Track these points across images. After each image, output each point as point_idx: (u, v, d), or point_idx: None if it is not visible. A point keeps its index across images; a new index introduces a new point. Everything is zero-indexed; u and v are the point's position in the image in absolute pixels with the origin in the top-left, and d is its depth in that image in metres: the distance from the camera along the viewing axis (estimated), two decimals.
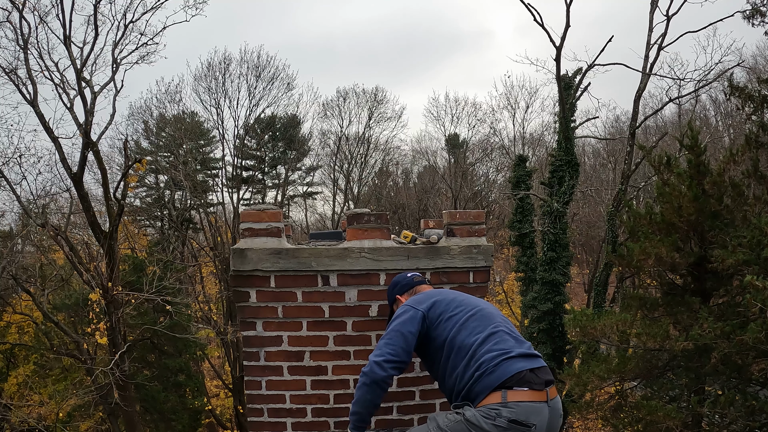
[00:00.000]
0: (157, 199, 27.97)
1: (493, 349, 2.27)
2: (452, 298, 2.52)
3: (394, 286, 2.69)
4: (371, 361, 2.35)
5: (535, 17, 16.09)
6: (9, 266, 14.12)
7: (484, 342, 2.30)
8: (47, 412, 14.09)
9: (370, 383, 2.33)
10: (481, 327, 2.36)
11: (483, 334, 2.33)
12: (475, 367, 2.25)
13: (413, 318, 2.41)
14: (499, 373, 2.20)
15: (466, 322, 2.39)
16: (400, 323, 2.42)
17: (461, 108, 35.37)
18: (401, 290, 2.67)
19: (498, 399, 2.17)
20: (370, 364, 2.34)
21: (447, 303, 2.47)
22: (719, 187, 9.09)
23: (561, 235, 15.64)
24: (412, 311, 2.44)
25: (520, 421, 2.14)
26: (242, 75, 23.18)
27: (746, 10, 12.68)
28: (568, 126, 16.15)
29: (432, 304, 2.46)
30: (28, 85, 12.17)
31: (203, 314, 18.90)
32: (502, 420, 2.13)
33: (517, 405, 2.15)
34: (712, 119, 29.34)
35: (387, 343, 2.38)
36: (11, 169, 17.44)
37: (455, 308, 2.44)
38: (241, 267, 2.68)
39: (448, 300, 2.50)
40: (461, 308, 2.44)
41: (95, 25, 12.82)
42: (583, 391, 10.00)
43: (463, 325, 2.38)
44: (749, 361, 8.40)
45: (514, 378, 2.19)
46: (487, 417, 2.16)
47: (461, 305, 2.46)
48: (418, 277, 2.72)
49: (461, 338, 2.34)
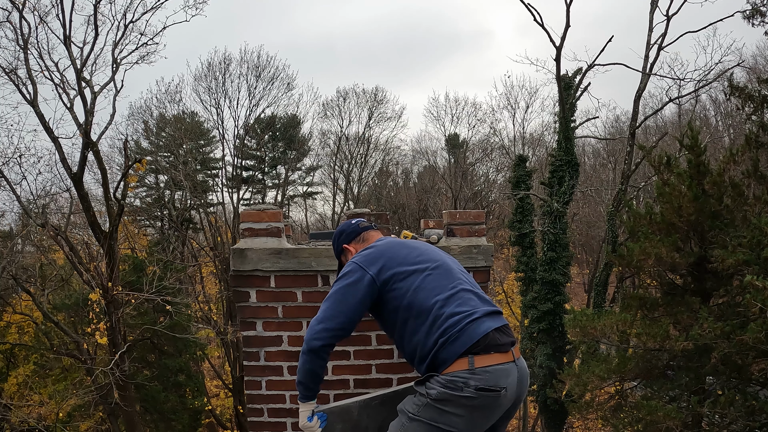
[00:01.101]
0: (157, 199, 27.96)
1: (456, 311, 2.11)
2: (406, 253, 2.28)
3: (339, 235, 2.50)
4: (310, 328, 2.20)
5: (535, 17, 16.12)
6: (9, 266, 14.11)
7: (446, 303, 2.13)
8: (47, 412, 14.08)
9: (308, 352, 2.17)
10: (441, 286, 2.17)
11: (443, 295, 2.15)
12: (439, 333, 2.09)
13: (360, 281, 2.20)
14: (465, 338, 2.06)
15: (423, 281, 2.18)
16: (345, 286, 2.21)
17: (461, 108, 35.42)
18: (347, 239, 2.48)
19: (465, 366, 2.04)
20: (309, 332, 2.18)
21: (400, 260, 2.24)
22: (719, 187, 9.09)
23: (561, 235, 15.65)
24: (359, 272, 2.22)
25: (489, 388, 2.04)
26: (242, 75, 23.22)
27: (746, 10, 12.70)
28: (568, 126, 16.15)
29: (383, 264, 2.23)
30: (28, 85, 12.17)
31: (203, 314, 18.89)
32: (470, 390, 2.02)
33: (485, 371, 2.04)
34: (712, 119, 29.33)
35: (328, 308, 2.20)
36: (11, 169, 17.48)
37: (411, 265, 2.23)
38: (241, 267, 2.68)
39: (402, 256, 2.26)
40: (417, 266, 2.23)
41: (95, 25, 12.83)
42: (583, 391, 10.01)
43: (421, 285, 2.17)
44: (749, 361, 8.40)
45: (481, 342, 2.06)
46: (455, 389, 2.03)
47: (416, 261, 2.25)
48: (364, 222, 2.53)
49: (420, 300, 2.15)
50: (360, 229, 2.50)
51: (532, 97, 42.45)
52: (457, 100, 41.96)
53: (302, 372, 2.21)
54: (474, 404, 2.04)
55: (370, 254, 2.28)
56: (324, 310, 2.20)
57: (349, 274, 2.24)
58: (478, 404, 2.05)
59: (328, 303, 2.22)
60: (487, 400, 2.05)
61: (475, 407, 2.05)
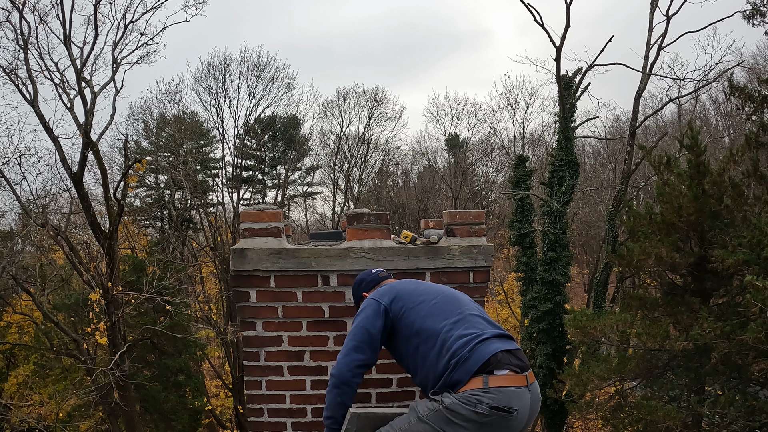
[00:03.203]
0: (157, 199, 27.97)
1: (463, 334, 2.17)
2: (414, 287, 2.45)
3: (360, 284, 2.62)
4: (339, 363, 2.29)
5: (535, 17, 16.11)
6: (9, 266, 14.11)
7: (454, 327, 2.21)
8: (47, 412, 14.08)
9: (339, 385, 2.27)
10: (448, 311, 2.28)
11: (451, 319, 2.24)
12: (449, 356, 2.15)
13: (376, 312, 2.34)
14: (476, 358, 2.11)
15: (432, 308, 2.31)
16: (364, 318, 2.34)
17: (461, 108, 35.41)
18: (367, 287, 2.59)
19: (479, 384, 2.08)
20: (338, 366, 2.28)
21: (409, 293, 2.40)
22: (719, 187, 9.09)
23: (561, 235, 15.64)
24: (374, 304, 2.37)
25: (501, 408, 2.06)
26: (242, 75, 23.23)
27: (746, 10, 12.71)
28: (568, 126, 16.15)
29: (394, 296, 2.39)
30: (28, 85, 12.18)
31: (203, 314, 18.89)
32: (483, 407, 2.05)
33: (499, 391, 2.07)
34: (712, 119, 29.36)
35: (352, 340, 2.32)
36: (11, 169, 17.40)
37: (418, 296, 2.37)
38: (241, 267, 2.68)
39: (410, 290, 2.43)
40: (424, 296, 2.37)
41: (95, 25, 12.84)
42: (583, 391, 10.01)
43: (429, 312, 2.30)
44: (749, 361, 8.42)
45: (492, 361, 2.10)
46: (468, 403, 2.07)
47: (424, 294, 2.39)
48: (383, 272, 2.65)
49: (428, 326, 2.25)
50: (379, 278, 2.61)
51: (532, 97, 42.52)
52: (457, 100, 41.97)
53: (333, 406, 2.29)
54: (484, 421, 2.07)
55: (383, 289, 2.46)
56: (350, 343, 2.32)
57: (366, 308, 2.39)
58: (488, 422, 2.08)
59: (352, 337, 2.33)
60: (498, 419, 2.07)
61: (484, 424, 2.08)
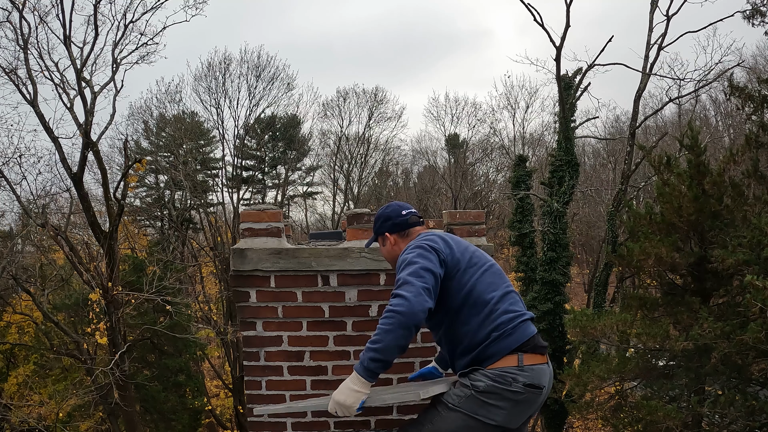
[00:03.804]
0: (157, 199, 27.97)
1: (509, 309, 2.19)
2: (465, 246, 2.31)
3: (386, 220, 2.43)
4: (411, 301, 2.00)
5: (535, 17, 16.12)
6: (9, 266, 14.11)
7: (501, 301, 2.20)
8: (47, 412, 14.08)
9: (409, 326, 1.99)
10: (496, 284, 2.25)
11: (498, 292, 2.22)
12: (493, 326, 2.15)
13: (438, 263, 2.17)
14: (517, 336, 2.15)
15: (482, 275, 2.24)
16: (428, 262, 2.13)
17: (461, 108, 35.50)
18: (392, 229, 2.42)
19: (514, 362, 2.13)
20: (410, 304, 1.99)
21: (462, 251, 2.27)
22: (719, 187, 9.09)
23: (561, 235, 15.64)
24: (433, 254, 2.18)
25: (535, 385, 2.14)
26: (242, 75, 23.25)
27: (746, 10, 12.73)
28: (568, 126, 16.15)
29: (450, 250, 2.24)
30: (28, 85, 12.19)
31: (203, 314, 18.89)
32: (519, 385, 2.11)
33: (531, 369, 2.14)
34: (712, 119, 29.35)
35: (420, 280, 2.06)
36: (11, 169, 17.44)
37: (470, 259, 2.26)
38: (241, 267, 2.67)
39: (463, 248, 2.29)
40: (476, 260, 2.27)
41: (95, 25, 12.84)
42: (583, 391, 10.01)
43: (480, 278, 2.22)
44: (749, 361, 8.40)
45: (529, 342, 2.17)
46: (503, 383, 2.10)
47: (475, 257, 2.29)
48: (414, 216, 2.45)
49: (478, 292, 2.20)
50: (408, 224, 2.43)
51: (532, 97, 42.44)
52: (457, 100, 42.06)
53: (391, 348, 2.01)
54: (519, 399, 2.13)
55: (433, 240, 2.25)
56: (418, 282, 2.06)
57: (423, 254, 2.17)
58: (523, 399, 2.14)
59: (418, 277, 2.08)
60: (531, 396, 2.15)
61: (519, 402, 2.14)
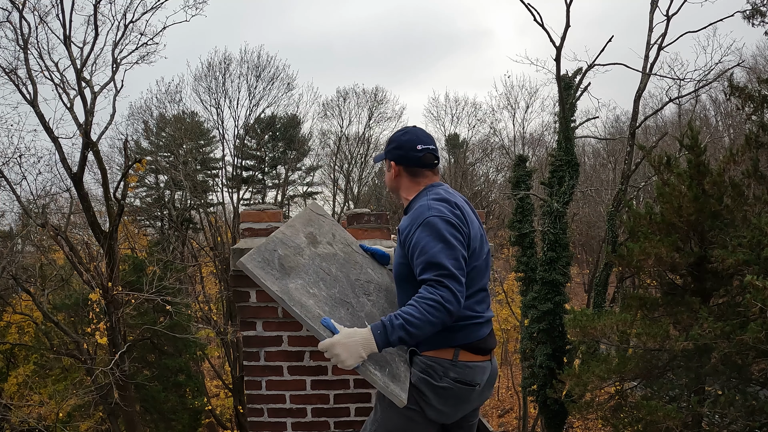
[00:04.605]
0: (157, 199, 27.95)
1: (471, 307, 2.12)
2: (477, 229, 2.17)
3: (397, 148, 2.27)
4: (459, 300, 1.92)
5: (535, 17, 16.12)
6: (9, 266, 14.11)
7: (471, 296, 2.12)
8: (47, 412, 14.07)
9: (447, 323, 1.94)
10: (474, 279, 2.14)
11: (472, 289, 2.12)
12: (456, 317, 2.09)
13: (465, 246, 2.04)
14: (462, 335, 2.10)
15: (475, 267, 2.14)
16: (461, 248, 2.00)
17: (461, 108, 35.51)
18: (400, 160, 2.26)
19: (449, 356, 2.09)
20: (456, 305, 1.91)
21: (474, 235, 2.13)
22: (719, 187, 9.10)
23: (561, 235, 15.64)
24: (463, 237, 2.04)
25: (466, 382, 2.10)
26: (242, 75, 23.22)
27: (746, 10, 12.73)
28: (568, 126, 16.15)
29: (468, 230, 2.09)
30: (28, 85, 12.18)
31: (203, 314, 18.90)
32: (448, 379, 2.08)
33: (466, 365, 2.10)
34: (712, 119, 29.36)
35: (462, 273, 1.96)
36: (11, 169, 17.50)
37: (479, 245, 2.15)
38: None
39: (475, 230, 2.15)
40: (479, 249, 2.15)
41: (95, 25, 12.84)
42: (583, 391, 10.01)
43: (473, 269, 2.13)
44: (749, 361, 8.41)
45: (473, 344, 2.12)
46: (433, 376, 2.07)
47: (480, 246, 2.16)
48: (429, 155, 2.23)
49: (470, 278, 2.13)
50: (421, 162, 2.23)
51: (532, 97, 42.51)
52: (457, 100, 42.04)
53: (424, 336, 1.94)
54: (449, 395, 2.09)
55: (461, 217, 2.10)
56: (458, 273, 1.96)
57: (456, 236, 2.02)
58: (451, 395, 2.10)
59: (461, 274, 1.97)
60: (462, 392, 2.11)
61: (449, 397, 2.10)
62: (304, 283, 2.12)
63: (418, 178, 2.26)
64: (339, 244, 2.54)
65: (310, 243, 2.39)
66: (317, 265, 2.27)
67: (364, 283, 2.39)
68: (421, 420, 2.12)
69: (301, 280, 2.13)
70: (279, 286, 2.02)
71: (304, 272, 2.18)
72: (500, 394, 25.59)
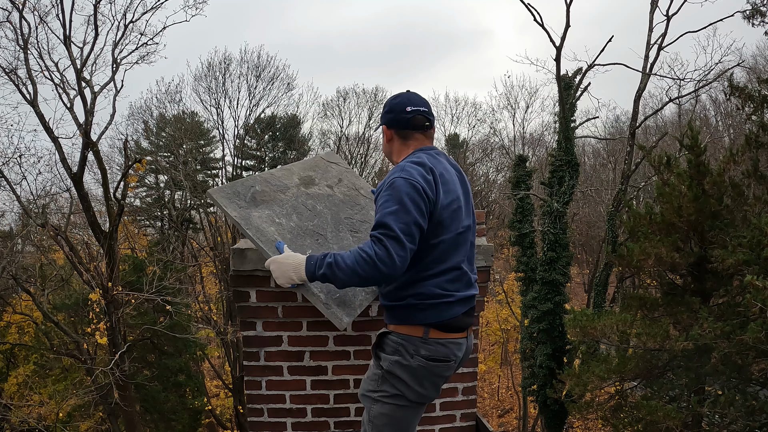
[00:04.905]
0: (157, 199, 27.96)
1: (441, 285, 2.09)
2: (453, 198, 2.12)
3: (388, 111, 2.26)
4: (395, 263, 1.91)
5: (534, 17, 16.11)
6: (9, 266, 14.10)
7: (442, 273, 2.09)
8: (47, 412, 14.07)
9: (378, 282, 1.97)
10: (448, 255, 2.11)
11: (446, 265, 2.09)
12: (415, 292, 2.09)
13: (424, 212, 2.00)
14: (433, 313, 2.08)
15: (450, 240, 2.11)
16: (419, 215, 1.97)
17: (461, 108, 35.51)
18: (390, 123, 2.24)
19: (419, 333, 2.09)
20: (391, 266, 1.90)
21: (449, 203, 2.10)
22: (719, 187, 9.10)
23: (561, 235, 15.64)
24: (423, 202, 2.00)
25: (439, 358, 2.10)
26: (242, 75, 23.24)
27: (746, 10, 12.72)
28: (568, 126, 16.14)
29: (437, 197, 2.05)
30: (28, 85, 12.18)
31: (203, 314, 18.90)
32: (420, 358, 2.08)
33: (437, 342, 2.10)
34: (712, 119, 29.35)
35: (409, 239, 1.93)
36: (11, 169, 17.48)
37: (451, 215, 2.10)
38: (241, 267, 2.67)
39: (450, 199, 2.11)
40: (454, 221, 2.10)
41: (95, 25, 12.84)
42: (583, 391, 10.01)
43: (446, 242, 2.10)
44: (749, 361, 8.41)
45: (444, 323, 2.10)
46: (404, 354, 2.08)
47: (456, 216, 2.12)
48: (420, 117, 2.21)
49: (432, 254, 2.08)
50: (410, 124, 2.21)
51: (532, 97, 42.56)
52: (457, 100, 42.09)
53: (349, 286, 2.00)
54: (423, 374, 2.11)
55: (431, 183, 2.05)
56: (407, 247, 1.94)
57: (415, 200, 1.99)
58: (427, 373, 2.12)
59: (408, 240, 1.95)
60: (437, 369, 2.12)
61: (425, 376, 2.12)
62: (272, 213, 2.24)
63: (408, 141, 2.24)
64: (342, 188, 2.64)
65: (302, 184, 2.52)
66: (299, 202, 2.40)
67: (357, 222, 2.49)
68: (407, 404, 2.15)
69: (270, 210, 2.26)
70: (240, 213, 2.19)
71: (278, 205, 2.31)
72: (500, 394, 25.60)
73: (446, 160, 2.24)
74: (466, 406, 2.94)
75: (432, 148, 2.23)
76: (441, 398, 2.87)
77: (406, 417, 2.18)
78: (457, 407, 2.93)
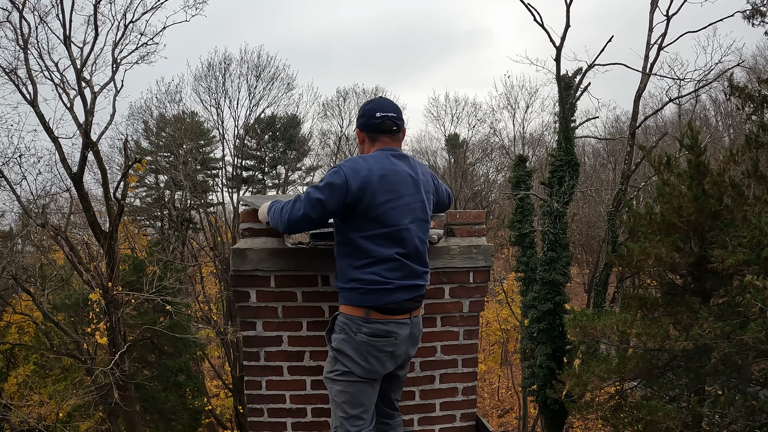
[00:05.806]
0: (157, 199, 27.96)
1: (379, 272, 2.30)
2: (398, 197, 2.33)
3: (361, 116, 2.46)
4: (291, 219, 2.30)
5: (534, 17, 16.11)
6: (9, 266, 14.10)
7: (379, 263, 2.30)
8: (47, 412, 14.06)
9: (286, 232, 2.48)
10: (388, 243, 2.31)
11: (381, 256, 2.30)
12: (356, 277, 2.32)
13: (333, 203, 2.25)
14: (372, 298, 2.30)
15: (377, 232, 2.30)
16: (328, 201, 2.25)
17: (461, 108, 35.46)
18: (362, 126, 2.46)
19: (361, 314, 2.32)
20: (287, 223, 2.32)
21: (386, 201, 2.30)
22: (719, 187, 9.09)
23: (561, 235, 15.64)
24: (337, 196, 2.25)
25: (380, 334, 2.32)
26: (242, 75, 23.21)
27: (746, 10, 12.69)
28: (568, 126, 16.14)
29: (365, 186, 2.26)
30: (28, 85, 12.18)
31: (203, 314, 18.90)
32: (363, 335, 2.31)
33: (378, 322, 2.31)
34: (712, 119, 29.35)
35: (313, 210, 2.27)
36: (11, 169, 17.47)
37: (386, 214, 2.30)
38: (241, 267, 2.67)
39: (391, 198, 2.31)
40: (392, 219, 2.30)
41: (95, 25, 12.84)
42: (583, 391, 10.01)
43: (372, 233, 2.30)
44: (749, 361, 8.41)
45: (383, 307, 2.31)
46: (349, 332, 2.32)
47: (393, 214, 2.31)
48: (388, 122, 2.41)
49: (364, 243, 2.30)
50: (378, 128, 2.42)
51: (532, 97, 42.39)
52: (457, 100, 41.98)
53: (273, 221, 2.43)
54: (367, 348, 2.32)
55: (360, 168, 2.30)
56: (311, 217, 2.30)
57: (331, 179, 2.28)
58: (370, 347, 2.32)
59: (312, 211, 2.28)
60: (379, 343, 2.33)
61: (368, 351, 2.32)
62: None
63: (375, 143, 2.46)
64: None
65: None
66: None
67: None
68: (357, 379, 2.35)
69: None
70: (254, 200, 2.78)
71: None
72: (500, 394, 25.60)
73: (405, 163, 2.43)
74: (466, 406, 2.94)
75: (393, 150, 2.43)
76: (441, 398, 2.87)
77: (361, 392, 2.37)
78: (457, 407, 2.93)
